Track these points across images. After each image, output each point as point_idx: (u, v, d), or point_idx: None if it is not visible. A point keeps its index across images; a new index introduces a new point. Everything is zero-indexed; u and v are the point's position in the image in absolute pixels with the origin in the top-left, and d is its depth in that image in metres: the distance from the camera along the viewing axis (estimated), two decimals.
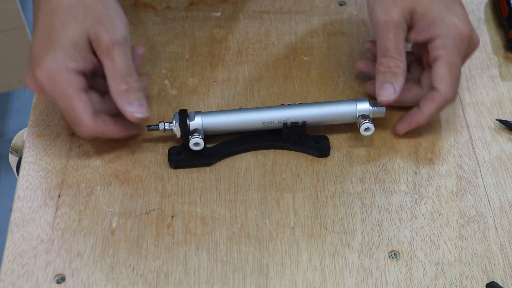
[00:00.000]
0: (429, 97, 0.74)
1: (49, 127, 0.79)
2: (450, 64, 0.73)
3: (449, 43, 0.73)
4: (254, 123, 0.75)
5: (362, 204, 0.72)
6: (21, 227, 0.70)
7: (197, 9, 0.91)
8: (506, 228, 0.71)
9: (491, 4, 0.91)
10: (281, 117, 0.75)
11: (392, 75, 0.73)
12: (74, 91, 0.70)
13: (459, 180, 0.74)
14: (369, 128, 0.75)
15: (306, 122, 0.75)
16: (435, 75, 0.73)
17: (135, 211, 0.72)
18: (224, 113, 0.76)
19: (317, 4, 0.91)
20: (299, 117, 0.75)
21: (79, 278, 0.67)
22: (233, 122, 0.75)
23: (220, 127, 0.75)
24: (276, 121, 0.75)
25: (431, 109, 0.74)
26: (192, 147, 0.74)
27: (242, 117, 0.75)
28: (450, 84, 0.73)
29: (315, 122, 0.76)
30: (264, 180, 0.74)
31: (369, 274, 0.67)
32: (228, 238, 0.70)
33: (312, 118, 0.76)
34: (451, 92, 0.73)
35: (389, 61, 0.73)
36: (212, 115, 0.75)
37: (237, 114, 0.76)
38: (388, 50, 0.73)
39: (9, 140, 0.91)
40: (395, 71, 0.73)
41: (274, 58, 0.85)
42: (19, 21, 1.64)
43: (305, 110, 0.76)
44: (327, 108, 0.76)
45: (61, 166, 0.75)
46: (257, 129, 0.76)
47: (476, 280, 0.67)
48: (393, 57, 0.73)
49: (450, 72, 0.73)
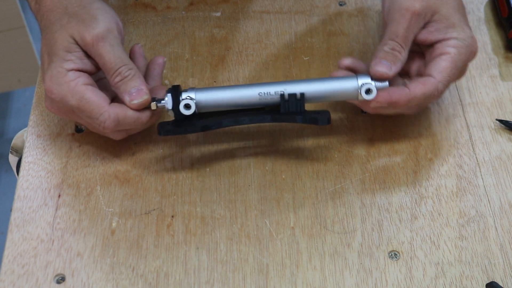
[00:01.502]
0: (422, 80, 0.72)
1: (49, 127, 0.79)
2: (454, 63, 0.73)
3: (462, 48, 0.73)
4: (249, 96, 0.72)
5: (362, 204, 0.72)
6: (21, 227, 0.70)
7: (197, 9, 0.91)
8: (506, 228, 0.71)
9: (491, 4, 0.91)
10: (278, 88, 0.72)
11: (393, 57, 0.73)
12: (80, 85, 0.70)
13: (459, 180, 0.74)
14: (371, 90, 0.71)
15: (305, 94, 0.72)
16: (436, 66, 0.72)
17: (135, 211, 0.72)
18: (219, 88, 0.73)
19: (317, 4, 0.91)
20: (298, 89, 0.72)
21: (79, 278, 0.67)
22: (227, 95, 0.72)
23: (214, 100, 0.72)
24: (272, 92, 0.71)
25: (418, 92, 0.72)
26: (182, 110, 0.71)
27: (237, 90, 0.72)
28: (447, 78, 0.72)
29: (315, 96, 0.72)
30: (264, 180, 0.74)
31: (369, 274, 0.67)
32: (228, 238, 0.70)
33: (311, 90, 0.72)
34: (443, 86, 0.73)
35: (396, 45, 0.73)
36: (205, 89, 0.73)
37: (232, 88, 0.73)
38: (398, 36, 0.73)
39: (9, 140, 0.91)
40: (397, 55, 0.73)
41: (274, 58, 0.85)
42: (19, 21, 1.64)
43: (304, 83, 0.72)
44: (327, 82, 0.73)
45: (61, 166, 0.75)
46: (253, 103, 0.72)
47: (476, 280, 0.67)
48: (399, 43, 0.73)
49: (452, 69, 0.73)
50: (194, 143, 0.77)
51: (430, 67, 0.73)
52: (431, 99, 0.73)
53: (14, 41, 1.67)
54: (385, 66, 0.72)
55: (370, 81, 0.72)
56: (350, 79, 0.73)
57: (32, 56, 1.71)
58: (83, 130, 0.78)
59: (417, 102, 0.73)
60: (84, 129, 0.78)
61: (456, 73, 0.73)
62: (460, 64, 0.73)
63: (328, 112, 0.72)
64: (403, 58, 0.73)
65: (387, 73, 0.72)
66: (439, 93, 0.73)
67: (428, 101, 0.74)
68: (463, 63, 0.74)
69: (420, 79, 0.73)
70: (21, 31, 1.66)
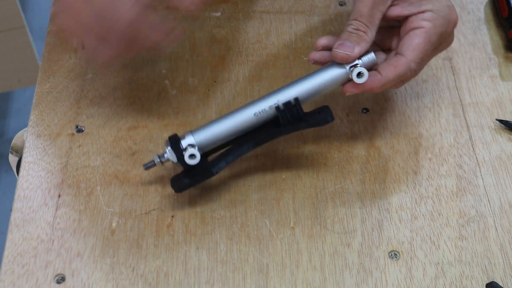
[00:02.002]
0: (392, 61, 0.70)
1: (49, 127, 0.79)
2: (428, 38, 0.69)
3: (437, 20, 0.70)
4: (246, 120, 0.70)
5: (362, 204, 0.72)
6: (21, 227, 0.70)
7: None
8: (506, 228, 0.71)
9: (491, 4, 0.91)
10: (271, 102, 0.70)
11: (357, 38, 0.69)
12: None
13: (459, 180, 0.74)
14: (362, 73, 0.69)
15: (299, 97, 0.70)
16: (408, 43, 0.69)
17: (135, 211, 0.72)
18: (215, 122, 0.71)
19: (317, 4, 0.91)
20: (290, 95, 0.70)
21: (79, 278, 0.67)
22: (225, 126, 0.70)
23: (214, 136, 0.70)
24: (267, 108, 0.70)
25: (390, 75, 0.69)
26: (188, 161, 0.69)
27: (232, 118, 0.71)
28: (419, 55, 0.69)
29: (309, 95, 0.70)
30: (264, 180, 0.74)
31: (369, 274, 0.67)
32: (228, 238, 0.70)
33: (303, 92, 0.70)
34: (416, 64, 0.69)
35: (360, 25, 0.70)
36: (202, 128, 0.71)
37: (227, 118, 0.71)
38: (362, 15, 0.70)
39: (9, 140, 0.91)
40: (361, 35, 0.70)
41: (274, 58, 0.85)
42: (19, 21, 1.64)
43: (294, 86, 0.70)
44: (315, 76, 0.71)
45: (61, 166, 0.75)
46: (251, 124, 0.71)
47: (476, 280, 0.67)
48: (364, 23, 0.70)
49: (424, 45, 0.69)
50: None
51: (401, 45, 0.70)
52: (408, 78, 0.71)
53: (14, 41, 1.67)
54: (347, 47, 0.69)
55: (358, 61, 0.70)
56: (337, 67, 0.70)
57: (32, 56, 1.71)
58: (83, 130, 0.78)
59: (392, 84, 0.70)
60: (84, 129, 0.78)
61: (431, 48, 0.70)
62: (436, 38, 0.70)
63: (328, 107, 0.71)
64: (369, 37, 0.70)
65: (349, 53, 0.69)
66: (413, 72, 0.70)
67: (405, 80, 0.71)
68: (439, 36, 0.70)
69: (391, 61, 0.70)
70: (21, 31, 1.65)
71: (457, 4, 0.91)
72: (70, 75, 0.83)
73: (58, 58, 0.85)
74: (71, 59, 0.85)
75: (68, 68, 0.84)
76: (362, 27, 0.70)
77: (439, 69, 0.84)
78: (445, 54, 0.85)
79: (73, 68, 0.84)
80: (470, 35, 0.87)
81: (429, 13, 0.70)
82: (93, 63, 0.80)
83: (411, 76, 0.71)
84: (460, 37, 0.87)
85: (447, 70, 0.84)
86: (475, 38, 0.87)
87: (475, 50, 0.86)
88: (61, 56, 0.85)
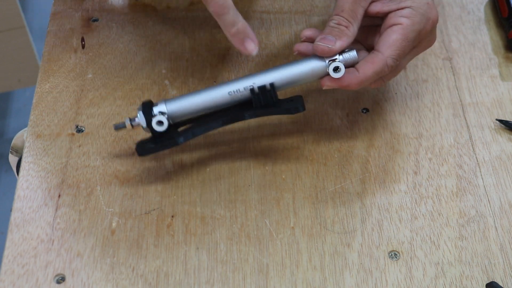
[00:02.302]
0: (369, 58, 0.70)
1: (49, 127, 0.79)
2: (405, 35, 0.69)
3: (416, 17, 0.70)
4: (220, 97, 0.71)
5: (362, 204, 0.72)
6: (21, 227, 0.70)
7: (197, 9, 0.91)
8: (506, 228, 0.71)
9: (491, 4, 0.91)
10: (247, 83, 0.70)
11: (339, 32, 0.69)
12: None
13: (459, 180, 0.74)
14: (339, 68, 0.69)
15: (274, 83, 0.70)
16: (385, 39, 0.69)
17: (135, 211, 0.72)
18: (189, 95, 0.72)
19: (317, 4, 0.91)
20: (266, 80, 0.70)
21: (79, 278, 0.67)
22: (198, 99, 0.71)
23: (185, 108, 0.71)
24: (242, 89, 0.70)
25: (367, 72, 0.69)
26: (156, 127, 0.70)
27: (207, 93, 0.71)
28: (396, 52, 0.69)
29: (285, 83, 0.71)
30: (264, 180, 0.74)
31: (369, 274, 0.67)
32: (228, 238, 0.70)
33: (280, 78, 0.70)
34: (393, 60, 0.69)
35: (341, 19, 0.70)
36: (176, 98, 0.72)
37: (201, 93, 0.72)
38: (343, 11, 0.70)
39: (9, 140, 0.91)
40: (343, 29, 0.70)
41: (274, 58, 0.85)
42: (19, 21, 1.64)
43: (271, 72, 0.71)
44: (294, 66, 0.71)
45: (61, 166, 0.75)
46: (225, 103, 0.71)
47: (476, 280, 0.67)
48: (345, 18, 0.70)
49: (402, 42, 0.69)
50: (194, 143, 0.77)
51: (379, 41, 0.70)
52: (387, 75, 0.71)
53: (14, 41, 1.67)
54: (328, 41, 0.69)
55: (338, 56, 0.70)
56: (317, 59, 0.70)
57: (32, 56, 1.71)
58: (83, 130, 0.78)
59: (371, 81, 0.70)
60: (84, 129, 0.78)
61: (409, 45, 0.70)
62: (413, 35, 0.70)
63: (301, 97, 0.71)
64: (351, 32, 0.70)
65: (331, 47, 0.69)
66: (390, 68, 0.70)
67: (385, 77, 0.71)
68: (417, 33, 0.70)
69: (368, 57, 0.70)
70: (21, 31, 1.66)
71: (457, 4, 0.91)
72: (70, 75, 0.83)
73: (58, 58, 0.85)
74: (71, 59, 0.85)
75: (68, 68, 0.84)
76: (343, 22, 0.70)
77: (439, 69, 0.84)
78: (445, 54, 0.85)
79: (73, 68, 0.84)
80: (470, 35, 0.87)
81: (407, 9, 0.70)
82: None
83: (391, 73, 0.71)
84: (460, 37, 0.87)
85: (447, 70, 0.84)
86: (475, 38, 0.87)
87: (475, 50, 0.86)
88: (61, 56, 0.85)
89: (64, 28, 0.88)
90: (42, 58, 0.85)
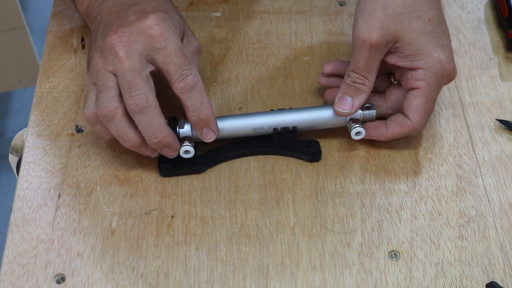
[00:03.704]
0: (399, 121, 0.74)
1: (49, 127, 0.79)
2: (427, 97, 0.72)
3: (430, 78, 0.72)
4: (244, 129, 0.75)
5: (362, 204, 0.72)
6: (21, 227, 0.70)
7: (197, 9, 0.91)
8: (506, 228, 0.71)
9: (491, 4, 0.91)
10: (272, 122, 0.75)
11: (355, 91, 0.73)
12: None
13: (459, 180, 0.74)
14: (360, 132, 0.74)
15: (297, 127, 0.75)
16: (410, 105, 0.73)
17: (135, 211, 0.72)
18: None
19: (317, 4, 0.91)
20: (290, 122, 0.75)
21: (79, 278, 0.67)
22: (223, 129, 0.74)
23: None
24: (266, 127, 0.75)
25: (396, 132, 0.74)
26: (183, 155, 0.72)
27: (232, 123, 0.75)
28: (422, 116, 0.73)
29: (306, 127, 0.76)
30: (264, 180, 0.74)
31: (369, 274, 0.67)
32: (228, 238, 0.70)
33: (303, 123, 0.75)
34: (421, 125, 0.73)
35: (357, 77, 0.73)
36: None
37: (227, 121, 0.75)
38: (359, 68, 0.73)
39: (9, 140, 0.91)
40: (359, 87, 0.73)
41: (274, 58, 0.85)
42: (19, 21, 1.64)
43: (295, 115, 0.75)
44: (317, 112, 0.76)
45: (61, 166, 0.75)
46: (247, 135, 0.75)
47: (476, 280, 0.67)
48: (361, 75, 0.73)
49: (425, 105, 0.73)
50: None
51: (405, 106, 0.74)
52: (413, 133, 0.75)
53: (14, 41, 1.67)
54: (347, 104, 0.74)
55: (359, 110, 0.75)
56: None
57: (32, 56, 1.71)
58: (83, 130, 0.78)
59: (397, 138, 0.76)
60: (84, 129, 0.78)
61: (433, 102, 0.73)
62: (434, 93, 0.73)
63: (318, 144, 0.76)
64: (367, 87, 0.73)
65: (348, 111, 0.74)
66: (420, 130, 0.74)
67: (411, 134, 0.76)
68: (435, 91, 0.73)
69: (397, 119, 0.74)
70: (21, 31, 1.65)
71: (457, 4, 0.91)
72: (70, 75, 0.83)
73: (58, 58, 0.85)
74: (71, 59, 0.85)
75: (68, 68, 0.84)
76: (359, 79, 0.73)
77: None
78: None
79: (73, 68, 0.84)
80: (470, 35, 0.87)
81: (420, 71, 0.72)
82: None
83: (418, 132, 0.75)
84: (460, 37, 0.87)
85: None
86: (475, 38, 0.87)
87: (475, 50, 0.86)
88: (61, 56, 0.85)
89: (64, 28, 0.88)
90: (42, 58, 0.85)
